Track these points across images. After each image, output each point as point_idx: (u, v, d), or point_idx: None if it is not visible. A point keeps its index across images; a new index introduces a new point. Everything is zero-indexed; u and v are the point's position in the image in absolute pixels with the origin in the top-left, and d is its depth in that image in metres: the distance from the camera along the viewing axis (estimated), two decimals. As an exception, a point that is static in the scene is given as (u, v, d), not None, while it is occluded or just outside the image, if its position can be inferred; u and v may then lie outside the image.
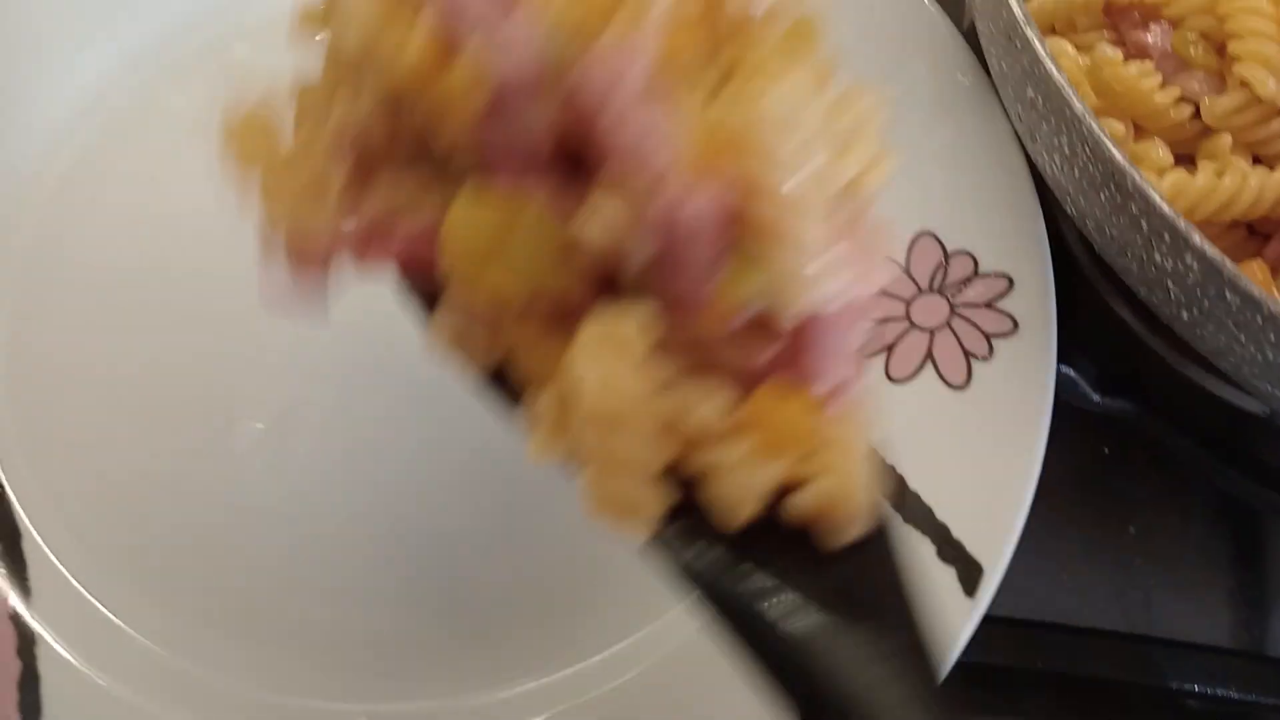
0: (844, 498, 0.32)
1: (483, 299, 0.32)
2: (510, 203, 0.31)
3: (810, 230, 0.30)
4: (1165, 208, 0.51)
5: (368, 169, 0.34)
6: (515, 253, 0.31)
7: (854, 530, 0.33)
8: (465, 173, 0.32)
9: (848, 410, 0.33)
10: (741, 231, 0.30)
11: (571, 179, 0.31)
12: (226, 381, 0.60)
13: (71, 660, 0.53)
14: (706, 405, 0.31)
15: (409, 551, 0.57)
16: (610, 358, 0.30)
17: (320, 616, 0.56)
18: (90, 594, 0.55)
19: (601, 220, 0.30)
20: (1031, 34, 0.55)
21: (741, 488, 0.31)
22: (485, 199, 0.31)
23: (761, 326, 0.31)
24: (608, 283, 0.32)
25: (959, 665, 0.54)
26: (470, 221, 0.31)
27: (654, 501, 0.31)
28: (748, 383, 0.32)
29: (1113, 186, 0.53)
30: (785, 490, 0.32)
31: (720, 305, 0.31)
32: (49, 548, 0.56)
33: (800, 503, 0.32)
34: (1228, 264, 0.50)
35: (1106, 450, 0.70)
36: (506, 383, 0.34)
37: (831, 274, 0.30)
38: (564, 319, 0.32)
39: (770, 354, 0.32)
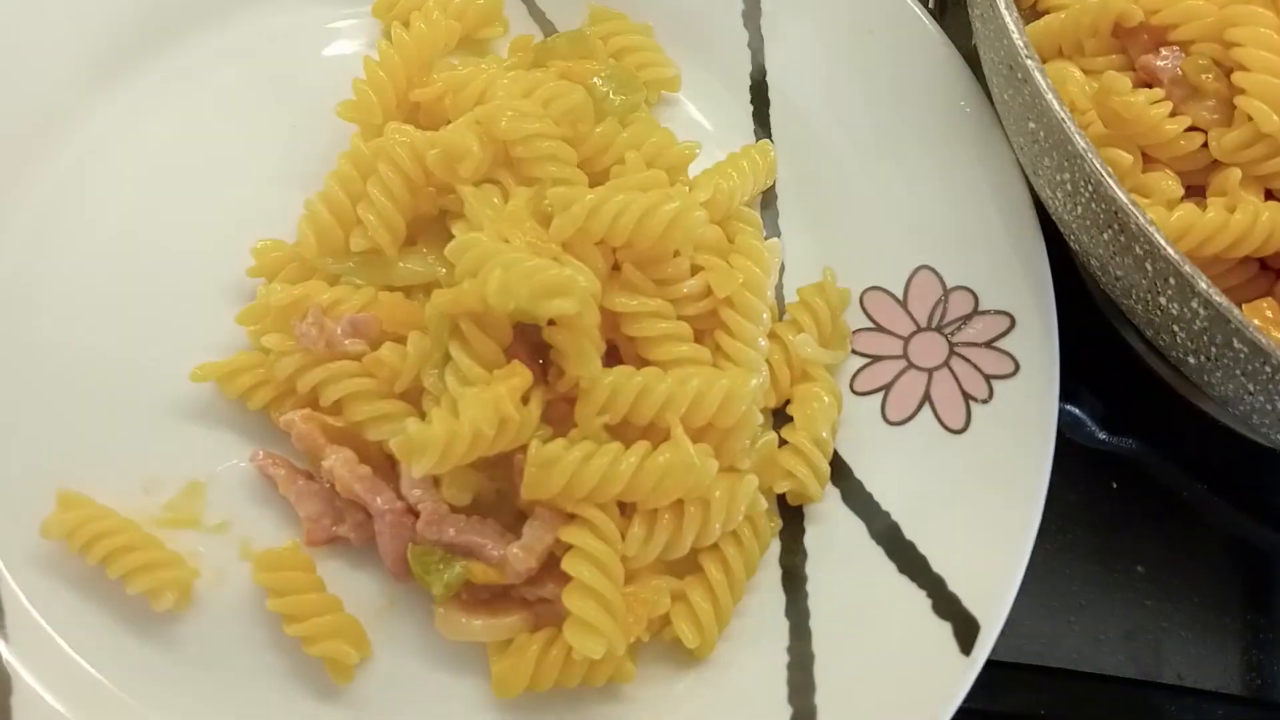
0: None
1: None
2: None
3: None
4: (1171, 251, 0.49)
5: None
6: None
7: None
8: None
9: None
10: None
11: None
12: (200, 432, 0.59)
13: (47, 704, 0.52)
14: None
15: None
16: None
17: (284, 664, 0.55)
18: (63, 639, 0.54)
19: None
20: (1032, 65, 0.53)
21: None
22: None
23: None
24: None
25: (959, 713, 0.52)
26: None
27: None
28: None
29: (1116, 227, 0.51)
30: None
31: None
32: (23, 592, 0.55)
33: None
34: (1235, 312, 0.48)
35: (1115, 486, 0.67)
36: None
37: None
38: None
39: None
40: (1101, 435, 0.65)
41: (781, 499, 0.58)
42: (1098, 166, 0.51)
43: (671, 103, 0.68)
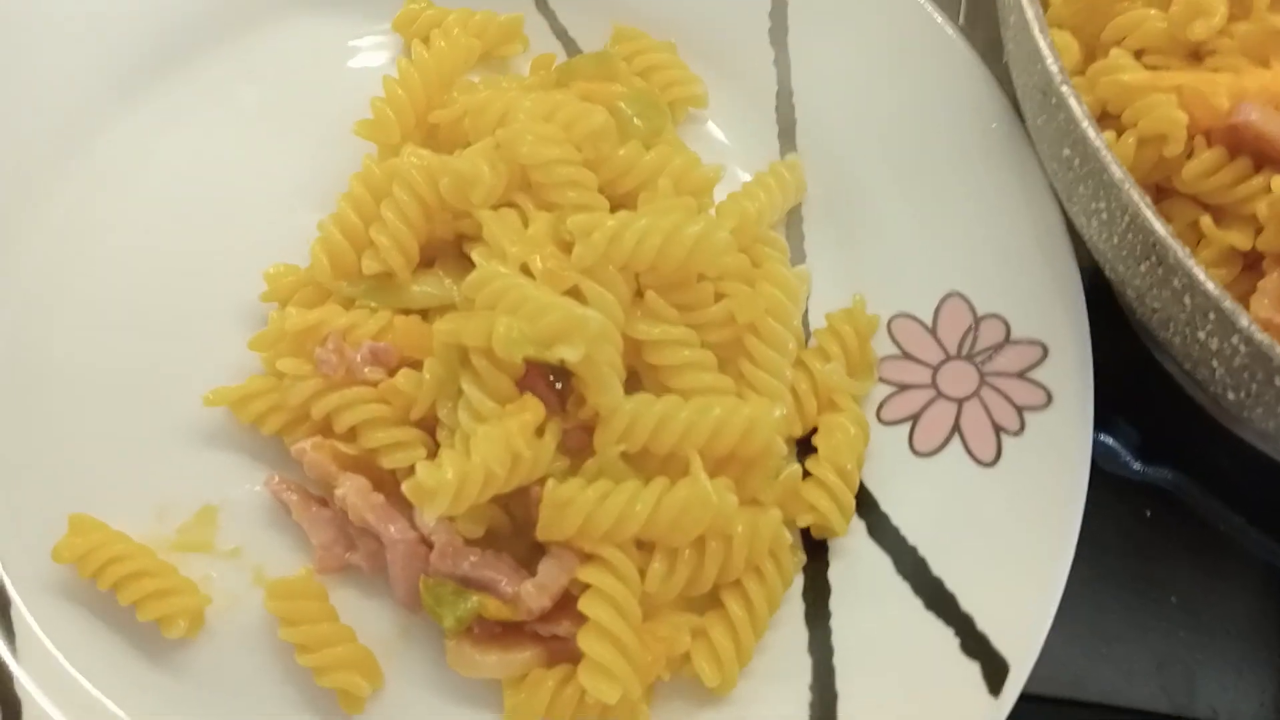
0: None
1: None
2: None
3: None
4: (1211, 286, 0.47)
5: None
6: None
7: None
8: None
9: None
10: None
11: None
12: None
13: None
14: None
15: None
16: None
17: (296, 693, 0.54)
18: (74, 665, 0.53)
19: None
20: (1067, 91, 0.52)
21: None
22: None
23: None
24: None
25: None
26: None
27: None
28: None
29: (1154, 259, 0.49)
30: None
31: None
32: (34, 617, 0.54)
33: None
34: (1277, 349, 0.46)
35: (1149, 514, 0.66)
36: None
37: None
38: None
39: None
40: (1136, 465, 0.63)
41: (805, 531, 0.57)
42: (1135, 197, 0.49)
43: (696, 121, 0.67)
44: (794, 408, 0.57)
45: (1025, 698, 0.53)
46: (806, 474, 0.56)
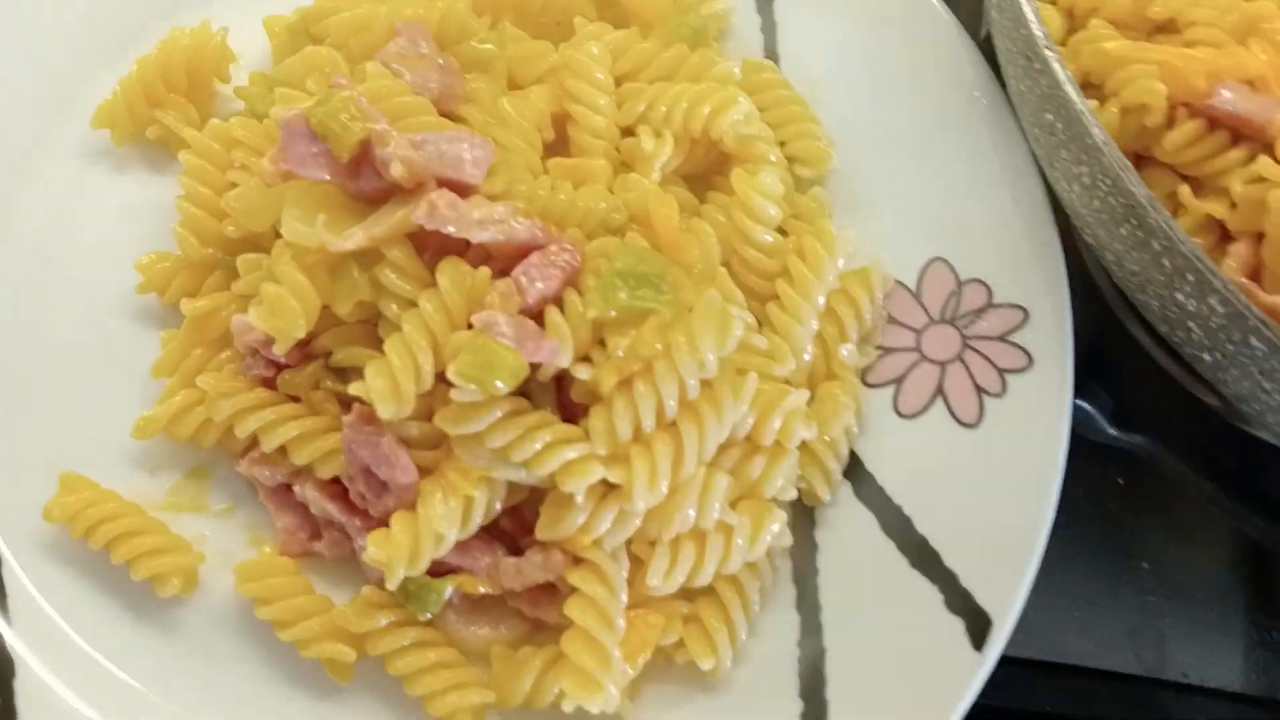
0: None
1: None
2: None
3: None
4: (1190, 247, 0.48)
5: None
6: None
7: None
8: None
9: None
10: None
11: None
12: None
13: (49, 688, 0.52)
14: None
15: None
16: None
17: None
18: (67, 623, 0.54)
19: None
20: (1051, 56, 0.53)
21: None
22: None
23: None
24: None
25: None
26: None
27: None
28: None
29: (1134, 221, 0.51)
30: None
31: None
32: (26, 575, 0.54)
33: None
34: (1253, 309, 0.47)
35: (1120, 481, 0.67)
36: None
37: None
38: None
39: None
40: (1111, 431, 0.64)
41: (792, 491, 0.57)
42: (1117, 160, 0.50)
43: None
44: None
45: (1000, 660, 0.54)
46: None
